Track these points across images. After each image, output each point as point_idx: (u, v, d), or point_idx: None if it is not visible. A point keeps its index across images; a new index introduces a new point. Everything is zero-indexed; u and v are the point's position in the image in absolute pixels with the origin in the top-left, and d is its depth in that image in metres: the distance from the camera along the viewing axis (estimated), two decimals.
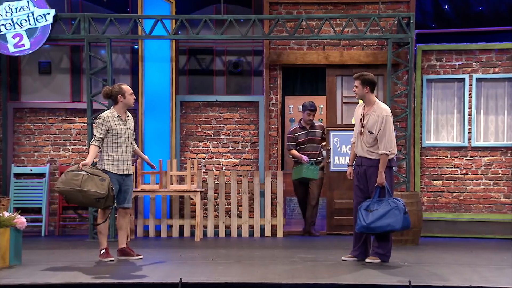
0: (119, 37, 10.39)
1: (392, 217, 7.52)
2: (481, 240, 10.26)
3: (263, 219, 10.66)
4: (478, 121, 10.80)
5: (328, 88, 10.87)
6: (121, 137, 7.93)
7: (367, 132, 7.73)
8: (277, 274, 7.01)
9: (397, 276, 6.87)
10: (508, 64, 10.70)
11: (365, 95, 7.81)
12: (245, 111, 11.11)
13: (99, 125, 7.86)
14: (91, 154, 7.84)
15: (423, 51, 10.79)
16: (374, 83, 7.83)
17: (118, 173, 7.90)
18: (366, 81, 7.78)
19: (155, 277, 6.76)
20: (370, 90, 7.80)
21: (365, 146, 7.76)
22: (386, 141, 7.63)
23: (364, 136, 7.78)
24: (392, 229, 7.57)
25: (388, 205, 7.56)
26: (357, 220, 7.66)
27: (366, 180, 7.80)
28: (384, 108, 7.77)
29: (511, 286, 6.35)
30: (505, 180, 10.68)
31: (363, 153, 7.80)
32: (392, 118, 7.82)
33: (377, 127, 7.66)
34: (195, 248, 9.26)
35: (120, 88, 7.99)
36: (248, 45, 11.19)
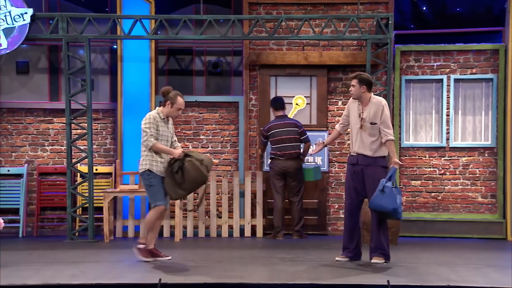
0: (98, 37, 10.34)
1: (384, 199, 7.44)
2: (459, 240, 10.34)
3: (243, 219, 10.66)
4: (456, 121, 10.88)
5: (260, 88, 10.88)
6: (164, 139, 7.90)
7: (368, 125, 7.72)
8: (256, 274, 7.01)
9: (376, 276, 6.90)
10: (485, 65, 10.79)
11: (362, 94, 7.79)
12: (224, 111, 11.10)
13: (150, 124, 7.80)
14: (165, 148, 7.83)
15: (402, 52, 10.85)
16: (371, 83, 7.83)
17: (160, 175, 7.85)
18: (364, 81, 7.77)
19: (134, 278, 6.73)
20: (367, 89, 7.79)
21: (369, 143, 7.73)
22: (390, 129, 7.70)
23: (366, 130, 7.76)
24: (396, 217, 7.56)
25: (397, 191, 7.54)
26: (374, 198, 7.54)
27: (362, 180, 7.79)
28: (381, 99, 7.84)
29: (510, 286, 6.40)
30: (482, 180, 10.76)
31: (362, 149, 7.76)
32: None
33: (378, 116, 7.69)
34: (174, 249, 9.22)
35: (175, 97, 7.91)
36: (227, 45, 11.18)
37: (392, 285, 6.23)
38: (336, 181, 10.89)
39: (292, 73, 10.92)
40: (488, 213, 10.73)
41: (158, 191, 7.81)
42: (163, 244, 9.60)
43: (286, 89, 10.94)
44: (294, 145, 10.25)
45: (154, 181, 7.79)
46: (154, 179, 7.79)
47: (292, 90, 10.94)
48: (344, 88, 10.92)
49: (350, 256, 7.89)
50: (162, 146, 7.83)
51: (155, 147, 7.77)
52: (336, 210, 10.91)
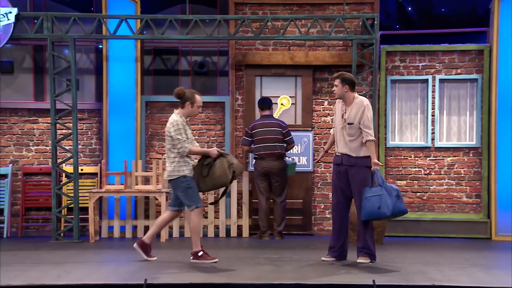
0: (83, 36, 10.29)
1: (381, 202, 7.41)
2: (444, 240, 10.39)
3: (229, 219, 10.65)
4: (441, 121, 10.94)
5: (246, 88, 10.90)
6: (191, 142, 7.92)
7: (347, 125, 7.75)
8: (243, 274, 7.01)
9: (362, 276, 6.92)
10: (470, 65, 10.85)
11: (345, 94, 7.82)
12: (211, 111, 11.09)
13: (180, 130, 7.78)
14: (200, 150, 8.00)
15: (387, 52, 10.89)
16: (353, 82, 7.84)
17: (192, 176, 7.88)
18: (346, 80, 7.79)
19: (120, 278, 6.71)
20: (350, 89, 7.80)
21: (349, 142, 7.76)
22: (370, 129, 7.68)
23: (347, 130, 7.79)
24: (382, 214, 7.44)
25: (379, 190, 7.48)
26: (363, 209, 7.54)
27: (347, 180, 7.80)
28: (364, 99, 7.83)
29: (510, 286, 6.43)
30: (467, 180, 10.83)
31: (345, 149, 7.79)
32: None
33: (359, 116, 7.69)
34: (161, 249, 9.19)
35: (193, 96, 7.90)
36: (213, 46, 11.17)
37: (377, 284, 6.24)
38: (322, 181, 10.91)
39: (278, 73, 10.93)
40: (473, 213, 10.80)
41: (195, 192, 7.86)
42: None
43: (271, 89, 10.95)
44: (277, 145, 10.24)
45: (191, 183, 7.84)
46: (191, 182, 7.84)
47: (277, 90, 10.95)
48: (330, 88, 10.93)
49: (335, 256, 7.90)
50: (197, 149, 7.95)
51: (190, 152, 7.83)
52: (322, 210, 10.93)
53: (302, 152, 10.87)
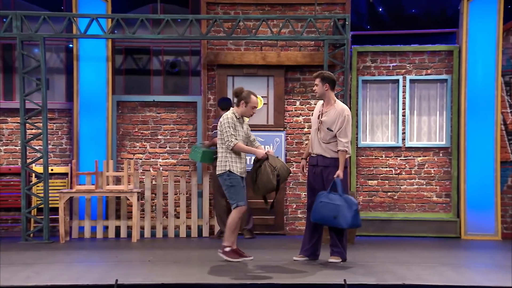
0: (53, 35, 10.20)
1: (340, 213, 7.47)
2: (415, 239, 10.47)
3: (201, 219, 10.64)
4: (412, 121, 11.03)
5: (218, 88, 10.90)
6: (240, 139, 7.87)
7: (325, 129, 7.77)
8: (214, 274, 7.00)
9: (333, 275, 6.95)
10: (440, 66, 10.95)
11: (325, 92, 7.85)
12: (182, 111, 11.06)
13: (229, 124, 7.79)
14: (247, 148, 7.87)
15: (359, 53, 10.96)
16: (333, 81, 7.87)
17: (240, 175, 7.84)
18: (326, 79, 7.83)
19: (91, 279, 6.66)
20: (330, 87, 7.84)
21: (322, 143, 7.80)
22: (347, 140, 7.70)
23: (321, 133, 7.82)
24: (337, 223, 7.52)
25: (340, 200, 7.53)
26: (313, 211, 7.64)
27: (322, 181, 7.82)
28: (345, 108, 7.83)
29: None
30: (437, 180, 10.93)
31: (320, 150, 7.82)
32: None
33: (338, 125, 7.70)
34: (132, 249, 9.17)
35: (249, 96, 7.91)
36: (185, 45, 11.15)
37: (348, 284, 6.28)
38: (294, 181, 10.94)
39: (250, 73, 10.94)
40: (443, 212, 10.90)
41: (239, 191, 7.82)
42: (120, 245, 9.55)
43: None
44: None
45: (234, 182, 7.80)
46: (235, 180, 7.80)
47: None
48: (302, 88, 10.98)
49: (307, 255, 7.92)
50: (245, 146, 7.87)
51: (237, 147, 7.77)
52: (294, 210, 10.95)
53: (275, 152, 10.86)
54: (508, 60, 10.87)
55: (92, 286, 6.35)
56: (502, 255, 8.83)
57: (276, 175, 7.70)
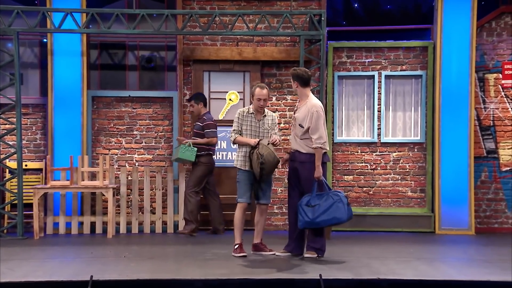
0: (27, 30, 10.10)
1: (337, 210, 7.59)
2: (390, 234, 10.54)
3: (177, 215, 10.61)
4: (387, 117, 11.09)
5: (194, 83, 10.90)
6: (248, 133, 7.97)
7: (297, 125, 7.83)
8: (190, 270, 7.00)
9: (308, 270, 6.98)
10: (414, 62, 11.02)
11: (296, 89, 7.97)
12: (158, 107, 11.02)
13: (235, 119, 8.14)
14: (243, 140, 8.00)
15: (334, 48, 10.99)
16: (302, 78, 7.89)
17: (244, 169, 7.94)
18: (294, 76, 7.95)
19: (65, 275, 6.63)
20: (300, 84, 7.90)
21: (297, 139, 7.85)
22: (319, 136, 7.71)
23: (295, 129, 7.89)
24: (338, 221, 7.65)
25: (330, 198, 7.61)
26: (299, 217, 7.64)
27: (298, 177, 7.86)
28: (315, 104, 7.84)
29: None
30: (412, 175, 11.01)
31: (296, 145, 7.89)
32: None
33: (307, 121, 7.74)
34: (107, 245, 9.12)
35: (254, 89, 8.11)
36: (161, 40, 11.09)
37: (324, 279, 6.31)
38: None
39: (226, 68, 10.92)
40: (417, 207, 10.98)
41: (242, 187, 8.01)
42: (95, 241, 9.50)
43: (219, 84, 10.93)
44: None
45: (240, 177, 8.04)
46: (241, 176, 8.01)
47: (225, 86, 10.94)
48: (278, 84, 10.98)
49: (290, 250, 7.97)
50: (242, 138, 8.01)
51: (236, 140, 8.04)
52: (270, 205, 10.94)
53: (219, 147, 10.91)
54: (482, 56, 10.97)
55: (67, 282, 6.32)
56: (476, 250, 8.94)
57: (260, 163, 7.74)
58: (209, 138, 10.04)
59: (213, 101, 10.95)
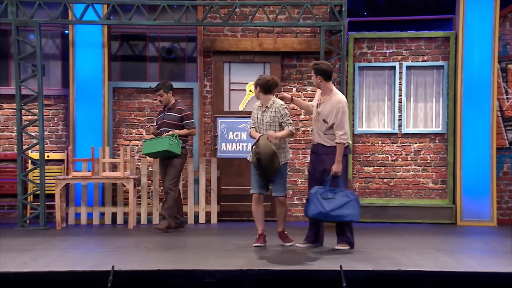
0: (49, 21, 10.16)
1: (352, 209, 7.56)
2: (410, 225, 10.50)
3: (197, 206, 10.64)
4: (408, 108, 11.03)
5: (214, 74, 10.90)
6: (256, 126, 8.11)
7: (321, 120, 7.77)
8: (210, 260, 7.02)
9: (329, 261, 6.97)
10: (436, 52, 10.94)
11: (319, 84, 7.84)
12: (179, 98, 11.02)
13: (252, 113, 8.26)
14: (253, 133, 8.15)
15: (355, 39, 10.93)
16: (326, 72, 7.78)
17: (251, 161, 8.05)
18: (318, 71, 7.79)
19: (87, 265, 6.67)
20: (324, 79, 7.79)
21: (321, 133, 7.80)
22: (344, 132, 7.65)
23: (318, 123, 7.82)
24: (351, 220, 7.63)
25: (346, 196, 7.57)
26: (312, 206, 7.57)
27: (321, 169, 7.80)
28: (340, 99, 7.74)
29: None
30: (433, 166, 10.95)
31: (319, 139, 7.83)
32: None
33: (332, 117, 7.67)
34: (128, 236, 9.18)
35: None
36: (181, 31, 11.11)
37: (344, 270, 6.29)
38: (290, 168, 10.94)
39: (246, 59, 10.92)
40: (439, 199, 10.93)
41: (252, 179, 8.17)
42: (116, 231, 9.56)
43: (239, 75, 10.94)
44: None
45: (251, 170, 8.14)
46: (252, 168, 8.12)
47: (246, 77, 10.94)
48: (298, 75, 10.96)
49: (311, 242, 7.96)
50: (253, 132, 8.15)
51: (249, 135, 8.23)
52: (290, 197, 10.94)
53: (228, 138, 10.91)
54: (505, 46, 10.86)
55: (89, 272, 6.36)
56: (498, 241, 8.87)
57: (256, 153, 7.80)
58: (189, 129, 9.64)
59: (233, 92, 10.96)
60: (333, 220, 7.64)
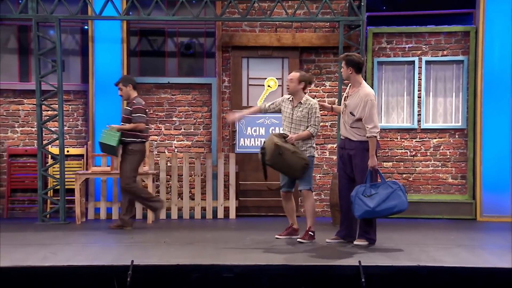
0: (68, 17, 10.20)
1: (397, 199, 7.46)
2: (430, 221, 10.45)
3: (216, 201, 10.66)
4: (427, 103, 10.97)
5: (233, 69, 10.89)
6: (283, 120, 8.13)
7: (348, 113, 7.71)
8: (229, 255, 7.03)
9: (347, 257, 6.96)
10: (456, 47, 10.87)
11: (350, 76, 7.76)
12: (197, 93, 11.06)
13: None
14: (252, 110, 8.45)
15: (374, 34, 10.88)
16: (358, 64, 7.72)
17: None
18: (350, 62, 7.72)
19: (106, 260, 6.71)
20: (355, 71, 7.71)
21: (347, 126, 7.73)
22: (373, 125, 7.56)
23: (345, 116, 7.76)
24: (399, 210, 7.51)
25: (388, 187, 7.49)
26: (356, 207, 7.47)
27: (350, 164, 7.74)
28: (369, 92, 7.66)
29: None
30: (453, 162, 10.88)
31: (346, 133, 7.76)
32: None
33: (360, 110, 7.59)
34: (147, 231, 9.21)
35: None
36: (200, 27, 11.12)
37: (363, 265, 6.28)
38: None
39: (264, 54, 10.91)
40: (458, 194, 10.86)
41: (280, 177, 8.19)
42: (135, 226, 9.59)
43: (258, 70, 10.94)
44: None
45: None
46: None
47: (264, 72, 10.94)
48: (317, 70, 10.94)
49: (342, 237, 7.90)
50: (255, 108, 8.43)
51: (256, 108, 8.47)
52: None
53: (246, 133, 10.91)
54: None
55: (108, 267, 6.39)
56: None
57: (261, 148, 7.87)
58: (135, 123, 9.14)
59: (252, 87, 10.96)
60: (382, 215, 7.53)
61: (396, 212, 7.59)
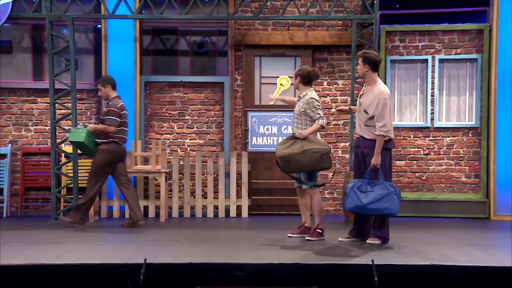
0: (82, 16, 10.24)
1: (391, 202, 7.45)
2: (443, 219, 10.42)
3: (228, 199, 10.67)
4: (441, 101, 10.92)
5: (245, 68, 10.88)
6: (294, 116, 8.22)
7: (362, 110, 7.70)
8: (242, 254, 7.03)
9: (360, 256, 6.94)
10: (469, 45, 10.82)
11: (366, 73, 7.75)
12: (210, 92, 11.07)
13: None
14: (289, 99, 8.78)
15: (387, 32, 10.85)
16: (375, 62, 7.71)
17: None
18: (367, 60, 7.71)
19: (119, 258, 6.73)
20: (371, 69, 7.71)
21: (362, 124, 7.73)
22: (383, 124, 7.54)
23: (359, 114, 7.76)
24: (389, 213, 7.51)
25: (385, 188, 7.47)
26: (349, 199, 7.50)
27: (364, 162, 7.73)
28: (383, 91, 7.64)
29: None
30: (466, 160, 10.83)
31: (361, 131, 7.77)
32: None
33: (373, 108, 7.58)
34: (160, 229, 9.23)
35: None
36: (213, 25, 11.12)
37: (376, 264, 6.27)
38: None
39: (277, 53, 10.90)
40: (472, 193, 10.82)
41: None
42: (148, 225, 9.62)
43: (270, 69, 10.93)
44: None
45: None
46: None
47: (276, 70, 10.93)
48: (329, 68, 10.92)
49: (354, 235, 7.89)
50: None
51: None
52: (321, 191, 10.90)
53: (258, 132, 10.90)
54: None
55: (121, 265, 6.41)
56: None
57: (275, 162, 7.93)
58: (105, 125, 9.15)
59: (264, 86, 10.96)
60: (371, 213, 7.54)
61: (386, 215, 7.60)
